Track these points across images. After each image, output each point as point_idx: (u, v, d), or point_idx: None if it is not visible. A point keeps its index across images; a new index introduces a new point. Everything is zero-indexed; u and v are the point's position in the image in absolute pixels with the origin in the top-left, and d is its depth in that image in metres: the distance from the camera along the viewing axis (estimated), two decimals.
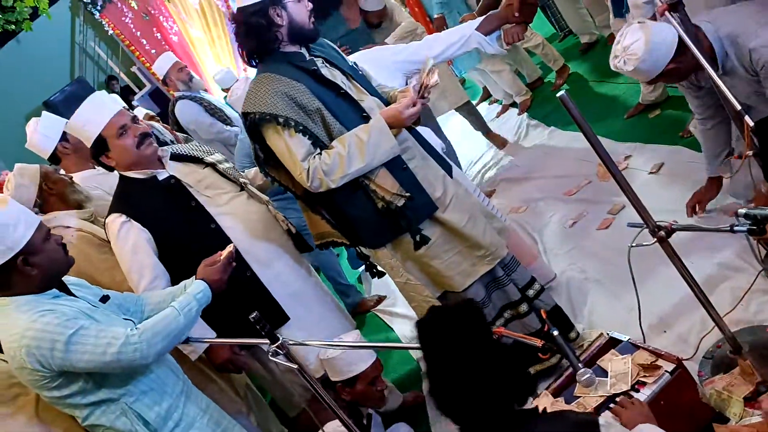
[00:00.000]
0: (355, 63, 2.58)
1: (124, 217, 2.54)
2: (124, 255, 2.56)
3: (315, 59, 2.43)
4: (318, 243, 2.70)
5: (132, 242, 2.54)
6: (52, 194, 2.90)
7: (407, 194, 2.41)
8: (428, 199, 2.45)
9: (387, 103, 2.53)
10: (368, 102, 2.45)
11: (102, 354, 1.98)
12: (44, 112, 3.42)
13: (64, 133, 3.20)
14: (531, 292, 2.65)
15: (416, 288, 2.58)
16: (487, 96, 6.12)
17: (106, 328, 2.02)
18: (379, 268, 2.71)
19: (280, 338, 1.86)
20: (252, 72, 2.57)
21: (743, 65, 2.32)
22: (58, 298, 2.07)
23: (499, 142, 5.01)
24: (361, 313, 4.17)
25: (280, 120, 2.30)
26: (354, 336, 2.68)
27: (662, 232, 1.92)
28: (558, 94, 1.79)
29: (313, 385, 1.83)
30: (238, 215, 2.68)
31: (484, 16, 2.98)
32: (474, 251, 2.52)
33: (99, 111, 2.52)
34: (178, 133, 4.63)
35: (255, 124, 2.35)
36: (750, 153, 1.90)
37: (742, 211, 1.62)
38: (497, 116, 5.67)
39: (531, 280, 2.66)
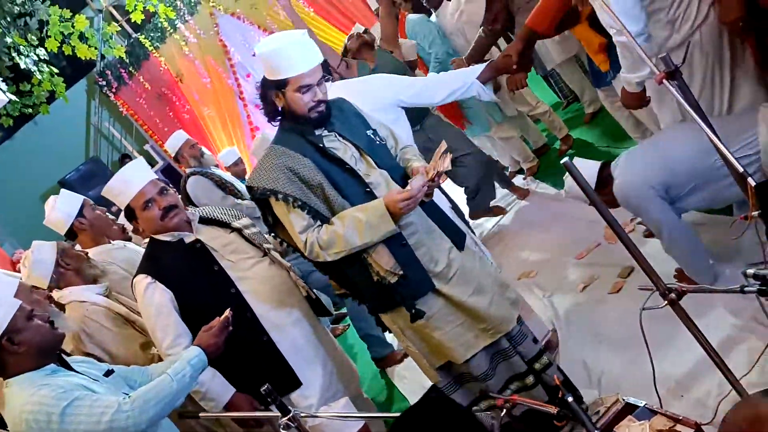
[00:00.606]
0: (375, 131, 2.58)
1: (149, 279, 2.64)
2: (149, 315, 2.64)
3: (325, 135, 2.49)
4: (338, 294, 2.76)
5: (156, 303, 2.62)
6: (69, 269, 2.97)
7: (400, 272, 2.44)
8: (424, 276, 2.47)
9: (403, 173, 2.56)
10: (375, 177, 2.48)
11: (96, 423, 2.02)
12: (62, 190, 3.55)
13: (81, 209, 3.32)
14: (538, 366, 2.63)
15: (416, 356, 2.60)
16: None
17: (100, 398, 2.06)
18: None
19: (292, 411, 1.85)
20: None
21: None
22: (55, 373, 2.12)
23: (520, 193, 5.07)
24: (388, 365, 4.16)
25: (279, 196, 2.39)
26: (343, 403, 2.67)
27: (673, 295, 1.93)
28: (562, 161, 1.84)
29: None
30: (259, 280, 2.73)
31: (486, 65, 3.10)
32: (477, 323, 2.53)
33: (129, 181, 2.65)
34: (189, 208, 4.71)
35: (259, 200, 2.48)
36: (755, 214, 1.91)
37: (751, 271, 1.63)
38: None
39: (539, 354, 2.65)
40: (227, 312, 2.42)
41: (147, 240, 2.79)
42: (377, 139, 2.58)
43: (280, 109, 2.48)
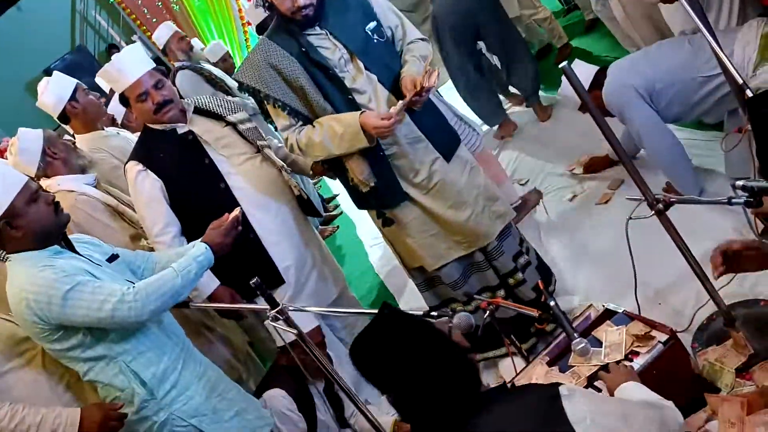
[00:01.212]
0: (378, 25, 2.50)
1: (140, 166, 2.63)
2: (138, 202, 2.67)
3: (315, 34, 2.42)
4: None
5: (147, 191, 2.63)
6: (56, 158, 2.93)
7: (372, 183, 2.50)
8: (397, 188, 2.52)
9: (396, 76, 2.48)
10: (361, 83, 2.44)
11: (97, 310, 2.02)
12: (55, 72, 3.47)
13: (74, 93, 3.27)
14: (511, 281, 2.70)
15: (394, 253, 2.73)
16: None
17: (103, 285, 2.06)
18: None
19: (281, 304, 1.89)
20: None
21: None
22: (59, 254, 2.10)
23: (516, 100, 4.99)
24: None
25: (261, 95, 2.43)
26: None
27: (660, 205, 1.94)
28: (561, 65, 1.80)
29: (311, 350, 1.86)
30: (249, 177, 2.73)
31: None
32: (451, 235, 2.59)
33: (126, 70, 2.59)
34: None
35: (248, 93, 2.50)
36: (749, 127, 1.91)
37: (740, 183, 1.63)
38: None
39: (513, 270, 2.70)
40: (237, 211, 2.37)
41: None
42: (375, 36, 2.49)
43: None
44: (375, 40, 2.48)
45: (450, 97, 4.29)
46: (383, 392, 1.55)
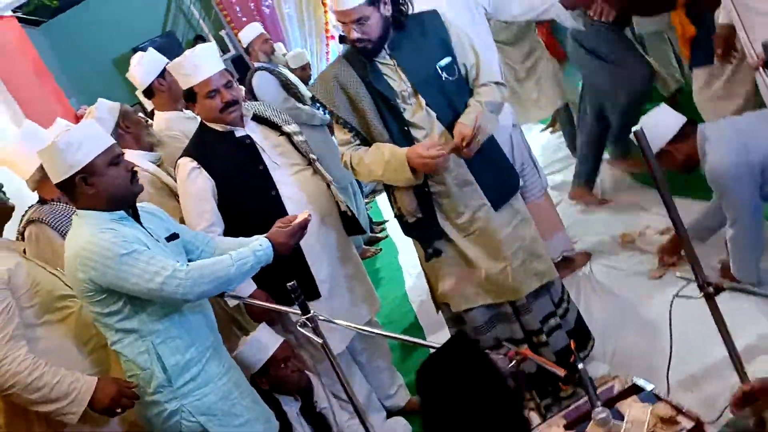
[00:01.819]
0: (452, 61, 2.48)
1: (195, 163, 2.67)
2: (188, 197, 2.69)
3: (383, 62, 2.47)
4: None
5: (198, 188, 2.66)
6: (128, 133, 3.04)
7: (419, 215, 2.53)
8: (438, 228, 2.55)
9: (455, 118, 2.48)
10: (419, 118, 2.46)
11: (148, 281, 2.05)
12: (150, 48, 3.63)
13: (163, 70, 3.38)
14: (534, 339, 2.64)
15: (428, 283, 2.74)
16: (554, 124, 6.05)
17: (158, 257, 2.10)
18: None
19: (312, 311, 1.90)
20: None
21: None
22: (123, 220, 2.16)
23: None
24: None
25: (327, 108, 2.52)
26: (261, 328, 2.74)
27: (711, 289, 1.90)
28: (634, 129, 1.79)
29: (333, 361, 1.86)
30: (299, 187, 2.76)
31: None
32: (479, 283, 2.57)
33: (200, 65, 2.65)
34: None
35: (320, 104, 2.61)
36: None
37: None
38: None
39: (539, 330, 2.66)
40: (306, 215, 2.38)
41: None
42: (445, 75, 2.48)
43: None
44: (443, 78, 2.48)
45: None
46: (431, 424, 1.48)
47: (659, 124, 2.79)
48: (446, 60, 2.48)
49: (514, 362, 2.17)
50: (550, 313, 2.70)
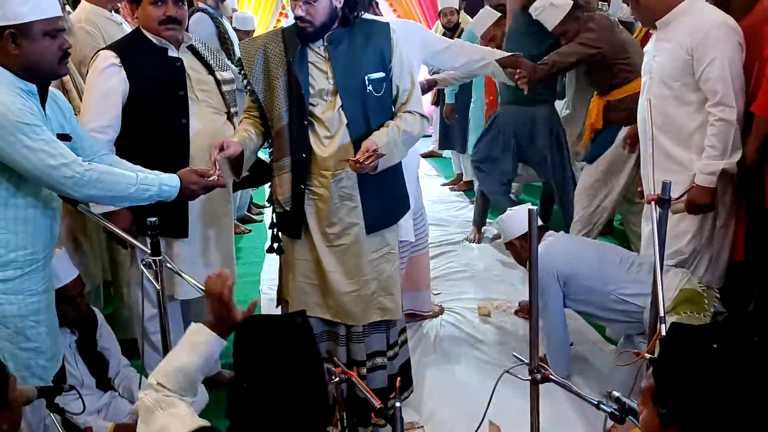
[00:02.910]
0: (383, 79, 2.46)
1: (117, 60, 2.55)
2: (94, 91, 2.56)
3: (317, 48, 2.43)
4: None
5: (110, 85, 2.54)
6: None
7: (286, 209, 2.50)
8: (298, 227, 2.51)
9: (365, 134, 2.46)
10: (327, 117, 2.42)
11: (42, 159, 1.93)
12: None
13: None
14: (354, 370, 2.59)
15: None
16: (458, 182, 6.26)
17: (61, 144, 1.99)
18: None
19: (163, 255, 1.81)
20: None
21: None
22: (30, 95, 2.02)
23: (479, 236, 4.98)
24: None
25: (243, 71, 2.47)
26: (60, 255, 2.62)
27: (538, 375, 1.98)
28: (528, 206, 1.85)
29: (162, 307, 1.77)
30: (209, 129, 2.68)
31: (511, 54, 3.42)
32: (324, 297, 2.57)
33: None
34: None
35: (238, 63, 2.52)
36: (647, 356, 1.97)
37: (616, 394, 1.68)
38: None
39: (361, 362, 2.65)
40: (225, 180, 2.39)
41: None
42: (370, 87, 2.43)
43: None
44: (368, 90, 2.43)
45: None
46: (241, 376, 1.47)
47: (515, 219, 3.19)
48: (378, 75, 2.45)
49: (338, 378, 2.17)
50: (380, 351, 2.69)
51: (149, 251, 1.80)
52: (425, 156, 7.03)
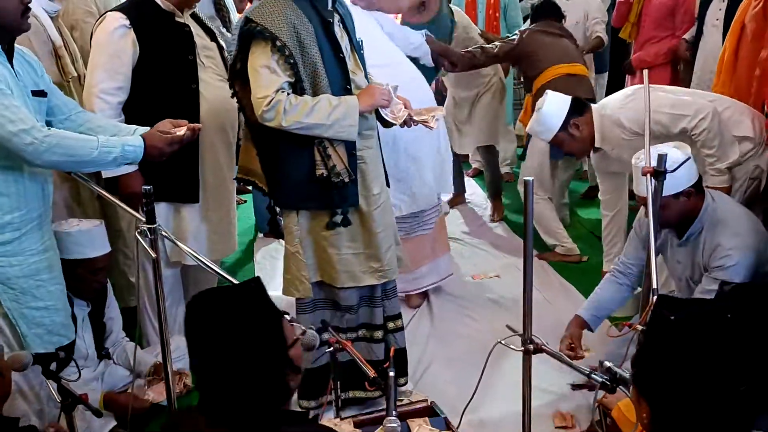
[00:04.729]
0: (361, 40, 2.54)
1: (127, 22, 2.54)
2: (103, 52, 2.53)
3: (334, 13, 2.39)
4: (239, 176, 2.57)
5: (120, 47, 2.52)
6: None
7: (354, 176, 2.38)
8: (356, 191, 2.42)
9: None
10: (359, 78, 2.44)
11: (2, 125, 1.90)
12: None
13: None
14: (391, 325, 2.67)
15: (299, 264, 2.49)
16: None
17: (21, 108, 1.94)
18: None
19: (157, 224, 1.80)
20: None
21: (703, 251, 2.50)
22: None
23: (500, 212, 4.91)
24: None
25: (278, 44, 2.20)
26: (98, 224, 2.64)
27: (531, 346, 1.99)
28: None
29: (157, 278, 1.77)
30: (218, 96, 2.69)
31: (443, 44, 3.78)
32: (371, 261, 2.52)
33: None
34: None
35: (252, 34, 2.23)
36: (640, 327, 1.98)
37: (607, 364, 1.70)
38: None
39: (397, 315, 2.70)
40: (195, 127, 2.27)
41: None
42: (362, 47, 2.54)
43: None
44: (361, 51, 2.53)
45: None
46: (192, 353, 1.45)
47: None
48: (359, 38, 2.53)
49: (331, 348, 2.19)
50: (397, 315, 2.73)
51: (144, 220, 1.78)
52: None
